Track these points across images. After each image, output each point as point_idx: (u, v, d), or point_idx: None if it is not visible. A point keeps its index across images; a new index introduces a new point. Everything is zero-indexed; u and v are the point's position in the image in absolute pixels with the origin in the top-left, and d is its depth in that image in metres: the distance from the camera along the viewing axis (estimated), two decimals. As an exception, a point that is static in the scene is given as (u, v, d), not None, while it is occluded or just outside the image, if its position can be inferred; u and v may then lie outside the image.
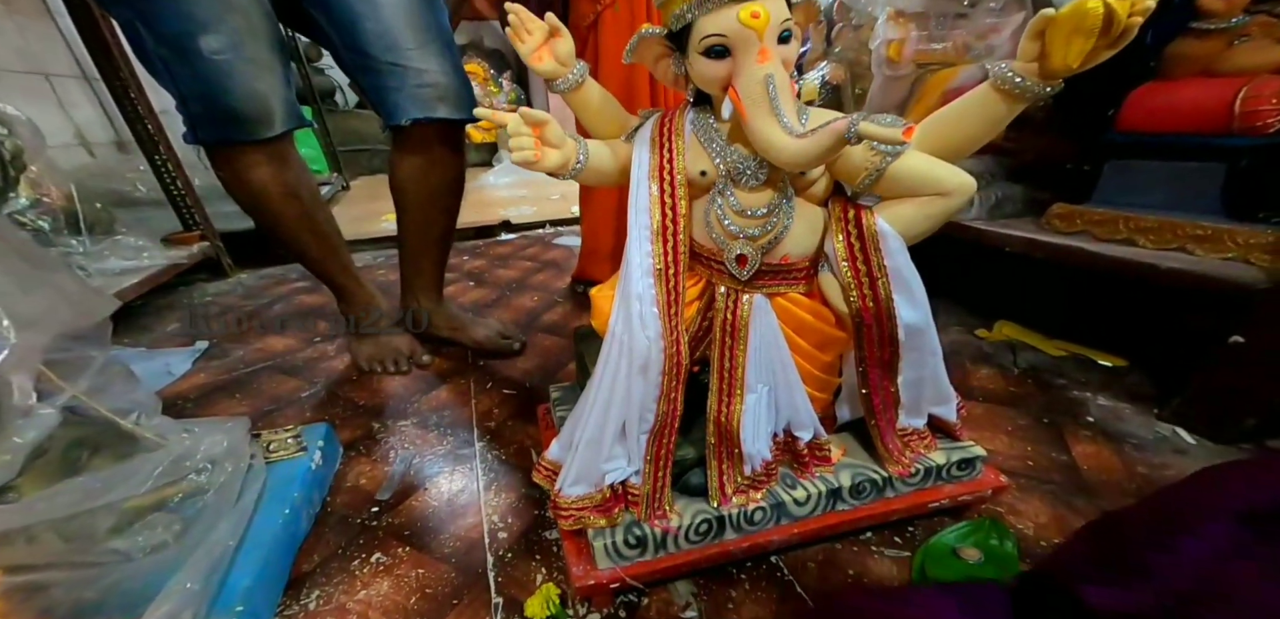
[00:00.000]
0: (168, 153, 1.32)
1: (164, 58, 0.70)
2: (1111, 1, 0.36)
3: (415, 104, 0.80)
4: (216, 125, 0.74)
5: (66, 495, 0.40)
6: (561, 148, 0.46)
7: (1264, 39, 0.81)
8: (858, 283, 0.47)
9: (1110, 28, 0.37)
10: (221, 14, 0.69)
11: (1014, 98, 0.42)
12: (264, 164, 0.79)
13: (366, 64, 0.79)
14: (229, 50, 0.70)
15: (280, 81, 0.77)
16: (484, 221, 1.90)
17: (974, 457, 0.58)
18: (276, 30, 0.77)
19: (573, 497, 0.52)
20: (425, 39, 0.80)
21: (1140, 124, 0.88)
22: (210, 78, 0.71)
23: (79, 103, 1.58)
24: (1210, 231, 0.76)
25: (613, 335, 0.47)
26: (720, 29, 0.42)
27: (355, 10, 0.76)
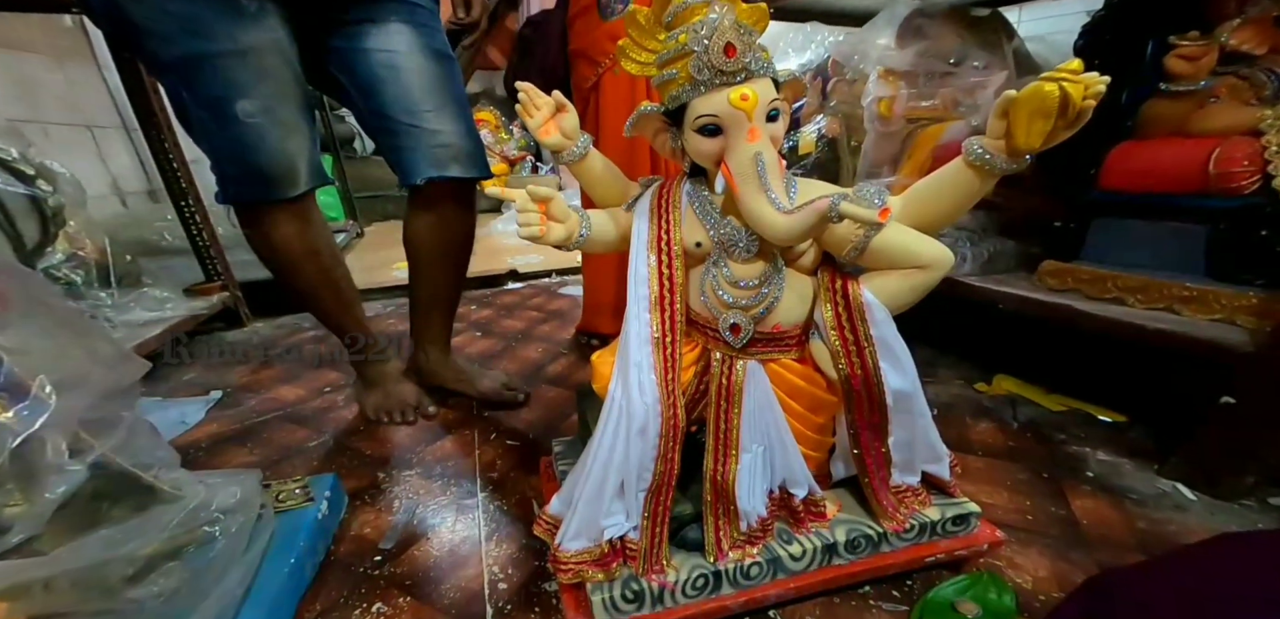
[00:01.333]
0: (196, 202, 1.38)
1: (203, 120, 0.75)
2: (1066, 86, 0.40)
3: (430, 163, 0.85)
4: (246, 185, 0.78)
5: (90, 547, 0.42)
6: (566, 222, 0.49)
7: (1232, 100, 0.84)
8: (846, 350, 0.49)
9: (1067, 110, 0.40)
10: (257, 80, 0.74)
11: (985, 173, 0.45)
12: (288, 221, 0.83)
13: (385, 125, 0.84)
14: (261, 114, 0.75)
15: (306, 141, 0.81)
16: (492, 270, 1.94)
17: (968, 512, 0.59)
18: (305, 93, 0.82)
19: (572, 551, 0.54)
20: (441, 102, 0.85)
21: (1121, 183, 0.91)
22: (243, 140, 0.75)
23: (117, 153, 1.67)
24: (1196, 293, 0.78)
25: (612, 399, 0.50)
26: (712, 110, 0.46)
27: (377, 74, 0.82)
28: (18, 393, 0.41)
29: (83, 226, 1.01)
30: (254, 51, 0.73)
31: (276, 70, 0.76)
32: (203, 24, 0.69)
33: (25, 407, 0.40)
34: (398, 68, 0.82)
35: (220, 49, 0.71)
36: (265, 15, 0.73)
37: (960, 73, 1.36)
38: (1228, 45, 0.85)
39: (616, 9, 1.02)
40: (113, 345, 0.49)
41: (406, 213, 0.94)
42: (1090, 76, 0.41)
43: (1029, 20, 1.67)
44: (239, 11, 0.71)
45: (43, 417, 0.40)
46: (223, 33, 0.70)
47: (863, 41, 1.50)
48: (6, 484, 0.42)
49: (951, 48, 1.37)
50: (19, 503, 0.42)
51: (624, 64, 0.51)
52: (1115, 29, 1.04)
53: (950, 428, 0.93)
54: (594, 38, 1.06)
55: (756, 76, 0.46)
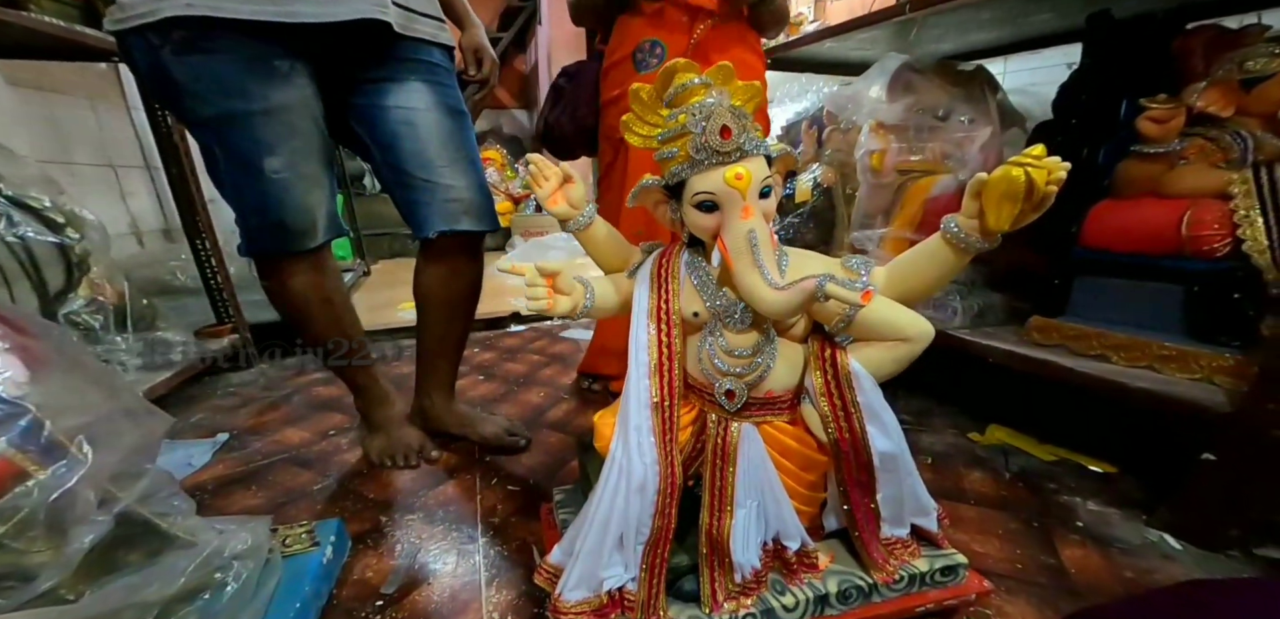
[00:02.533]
0: (212, 244, 1.42)
1: (233, 175, 0.78)
2: (1031, 171, 0.43)
3: (442, 218, 0.88)
4: (268, 238, 0.81)
5: (114, 594, 0.44)
6: (572, 294, 0.53)
7: (1201, 162, 0.88)
8: (834, 415, 0.52)
9: (1032, 193, 0.44)
10: (285, 137, 0.77)
11: (961, 251, 0.48)
12: (304, 272, 0.86)
13: (401, 179, 0.88)
14: (287, 169, 0.78)
15: (326, 195, 0.84)
16: (495, 312, 1.97)
17: (956, 564, 0.61)
18: (328, 147, 0.85)
19: (572, 601, 0.56)
20: (454, 157, 0.88)
21: (1100, 242, 0.95)
22: (269, 195, 0.78)
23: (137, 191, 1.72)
24: (1176, 352, 0.81)
25: (613, 459, 0.52)
26: (709, 188, 0.50)
27: (396, 130, 0.86)
28: (55, 452, 0.44)
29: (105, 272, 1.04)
30: (283, 110, 0.76)
31: (303, 128, 0.79)
32: (238, 84, 0.73)
33: (63, 464, 0.42)
34: (415, 124, 0.86)
35: (253, 108, 0.74)
36: (296, 75, 0.77)
37: (948, 127, 1.42)
38: (1195, 107, 0.88)
39: (650, 64, 1.08)
40: (140, 402, 0.52)
41: (418, 263, 0.97)
42: (1052, 161, 0.44)
43: (1013, 72, 1.74)
44: (272, 72, 0.75)
45: (79, 473, 0.42)
46: (256, 93, 0.74)
47: (856, 93, 1.56)
48: (34, 534, 0.45)
49: (940, 102, 1.44)
50: (47, 552, 0.45)
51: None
52: (1090, 89, 1.09)
53: (944, 477, 0.95)
54: (627, 89, 1.11)
55: (751, 156, 0.50)
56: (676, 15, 1.07)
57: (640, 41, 1.09)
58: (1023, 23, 1.28)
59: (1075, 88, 1.15)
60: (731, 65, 0.51)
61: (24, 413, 0.43)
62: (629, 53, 1.10)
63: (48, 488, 0.41)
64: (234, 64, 0.72)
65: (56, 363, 0.47)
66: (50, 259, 0.94)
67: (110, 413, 0.48)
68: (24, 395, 0.43)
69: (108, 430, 0.47)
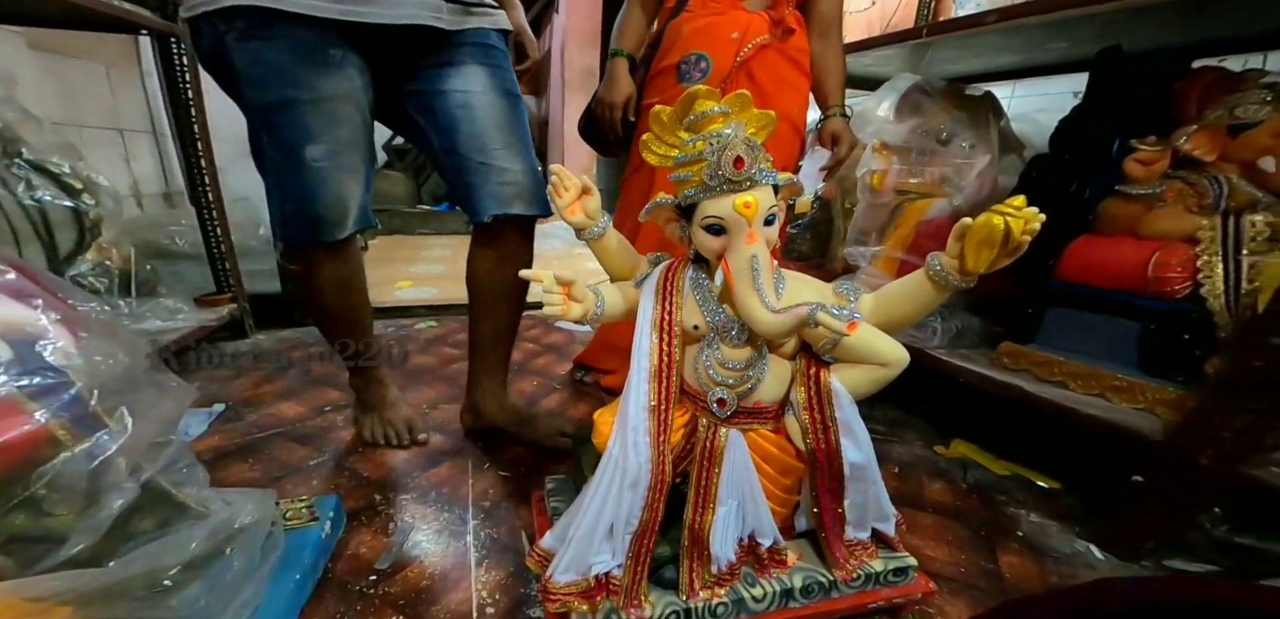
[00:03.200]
0: (219, 213, 1.42)
1: (277, 162, 0.80)
2: (1010, 220, 0.48)
3: (496, 201, 0.88)
4: (302, 228, 0.82)
5: (139, 560, 0.48)
6: (583, 302, 0.57)
7: (1177, 205, 0.93)
8: (814, 427, 0.57)
9: (1008, 240, 0.49)
10: (328, 126, 0.78)
11: (940, 287, 0.53)
12: (329, 261, 0.87)
13: (457, 162, 0.88)
14: (327, 159, 0.79)
15: (361, 186, 0.85)
16: None
17: (907, 565, 0.67)
18: (370, 140, 0.85)
19: (562, 583, 0.60)
20: (509, 140, 0.89)
21: (1075, 276, 1.01)
22: (306, 184, 0.79)
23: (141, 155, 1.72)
24: (1126, 384, 0.88)
25: (610, 455, 0.57)
26: (719, 213, 0.53)
27: (453, 114, 0.86)
28: (94, 422, 0.47)
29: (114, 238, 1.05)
30: (330, 99, 0.77)
31: (348, 117, 0.80)
32: (290, 72, 0.74)
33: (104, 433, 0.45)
34: (472, 107, 0.86)
35: (302, 97, 0.76)
36: (347, 65, 0.78)
37: (949, 152, 1.47)
38: (1182, 150, 0.93)
39: (694, 76, 1.09)
40: (173, 377, 0.55)
41: (470, 250, 0.97)
42: (1030, 212, 0.49)
43: (1022, 96, 1.77)
44: (324, 61, 0.76)
45: (119, 442, 0.45)
46: (306, 81, 0.75)
47: (865, 110, 1.60)
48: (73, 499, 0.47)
49: (944, 124, 1.48)
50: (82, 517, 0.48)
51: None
52: (1087, 126, 1.14)
53: (908, 485, 1.01)
54: (668, 99, 1.11)
55: (760, 185, 0.53)
56: (725, 30, 1.08)
57: (687, 53, 1.10)
58: (1037, 50, 1.32)
59: (1073, 123, 1.19)
60: (748, 95, 0.54)
61: (69, 385, 0.46)
62: (675, 63, 1.11)
63: (90, 455, 0.44)
64: (289, 52, 0.74)
65: (96, 332, 0.50)
66: (64, 222, 0.96)
67: (144, 383, 0.51)
68: (71, 365, 0.46)
69: (143, 401, 0.50)
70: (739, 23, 1.07)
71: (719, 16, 1.08)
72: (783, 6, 1.08)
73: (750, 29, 1.08)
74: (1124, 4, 0.90)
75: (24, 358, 0.46)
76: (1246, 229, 0.81)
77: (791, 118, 1.13)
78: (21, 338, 0.46)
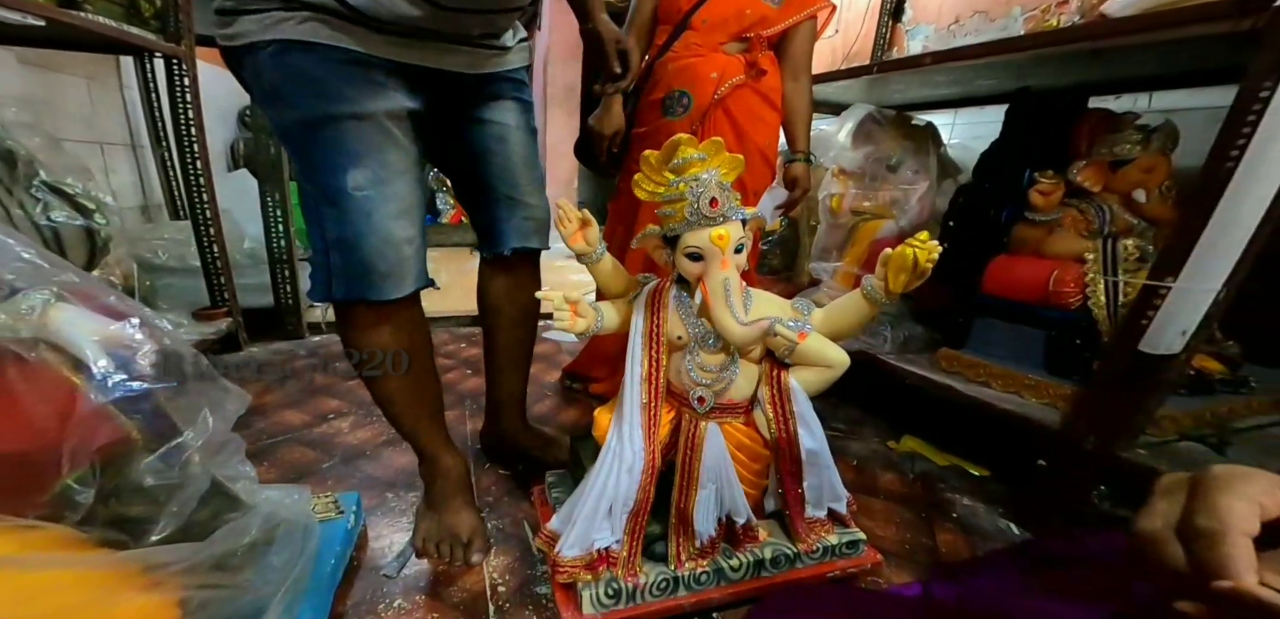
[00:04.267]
0: (216, 228, 1.46)
1: (314, 196, 0.72)
2: (918, 251, 0.62)
3: (518, 235, 0.89)
4: (347, 280, 0.72)
5: (219, 541, 0.56)
6: (587, 317, 0.69)
7: (1071, 230, 1.11)
8: (777, 419, 0.70)
9: (917, 267, 0.62)
10: (373, 149, 0.69)
11: (872, 303, 0.67)
12: (386, 327, 0.77)
13: (485, 193, 0.88)
14: (373, 186, 0.70)
15: (415, 230, 0.75)
16: None
17: (858, 540, 0.81)
18: (421, 178, 0.78)
19: (569, 557, 0.71)
20: (534, 177, 0.91)
21: (994, 289, 1.19)
22: (349, 220, 0.70)
23: (119, 169, 1.73)
24: (1034, 382, 1.05)
25: (609, 445, 0.68)
26: (697, 244, 0.66)
27: (489, 147, 0.86)
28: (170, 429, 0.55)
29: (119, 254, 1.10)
30: (375, 117, 0.69)
31: (396, 142, 0.72)
32: (329, 88, 0.67)
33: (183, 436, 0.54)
34: (506, 141, 0.86)
35: (341, 111, 0.67)
36: (395, 89, 0.72)
37: (897, 177, 1.65)
38: (1075, 181, 1.11)
39: (677, 111, 1.20)
40: (227, 381, 0.64)
41: (484, 276, 0.97)
42: (931, 244, 0.62)
43: (964, 124, 1.93)
44: (367, 80, 0.69)
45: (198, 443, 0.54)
46: (347, 95, 0.67)
47: (827, 135, 1.76)
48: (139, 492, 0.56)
49: (893, 152, 1.66)
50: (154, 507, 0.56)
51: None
52: (1002, 159, 1.33)
53: (864, 476, 1.15)
54: (653, 129, 1.23)
55: (731, 221, 0.66)
56: (705, 70, 1.19)
57: (671, 90, 1.21)
58: (969, 85, 1.50)
59: (992, 156, 1.38)
60: (722, 141, 0.66)
61: (151, 395, 0.55)
62: (660, 97, 1.23)
63: (168, 457, 0.53)
64: (327, 66, 0.66)
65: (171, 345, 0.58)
66: (76, 241, 1.01)
67: (211, 389, 0.60)
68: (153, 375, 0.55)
69: (212, 404, 0.58)
70: (718, 64, 1.19)
71: (700, 58, 1.20)
72: (757, 50, 1.20)
73: (728, 70, 1.19)
74: (1028, 53, 1.08)
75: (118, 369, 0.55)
76: (1121, 252, 0.99)
77: (763, 149, 1.26)
78: (118, 349, 0.54)
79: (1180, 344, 0.75)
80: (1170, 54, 0.99)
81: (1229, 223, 0.70)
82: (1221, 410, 0.96)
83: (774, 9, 1.20)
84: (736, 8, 1.19)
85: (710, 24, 1.20)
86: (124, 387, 0.54)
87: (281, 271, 1.67)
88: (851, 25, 2.25)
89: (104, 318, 0.56)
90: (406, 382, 0.82)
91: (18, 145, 0.98)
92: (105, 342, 0.54)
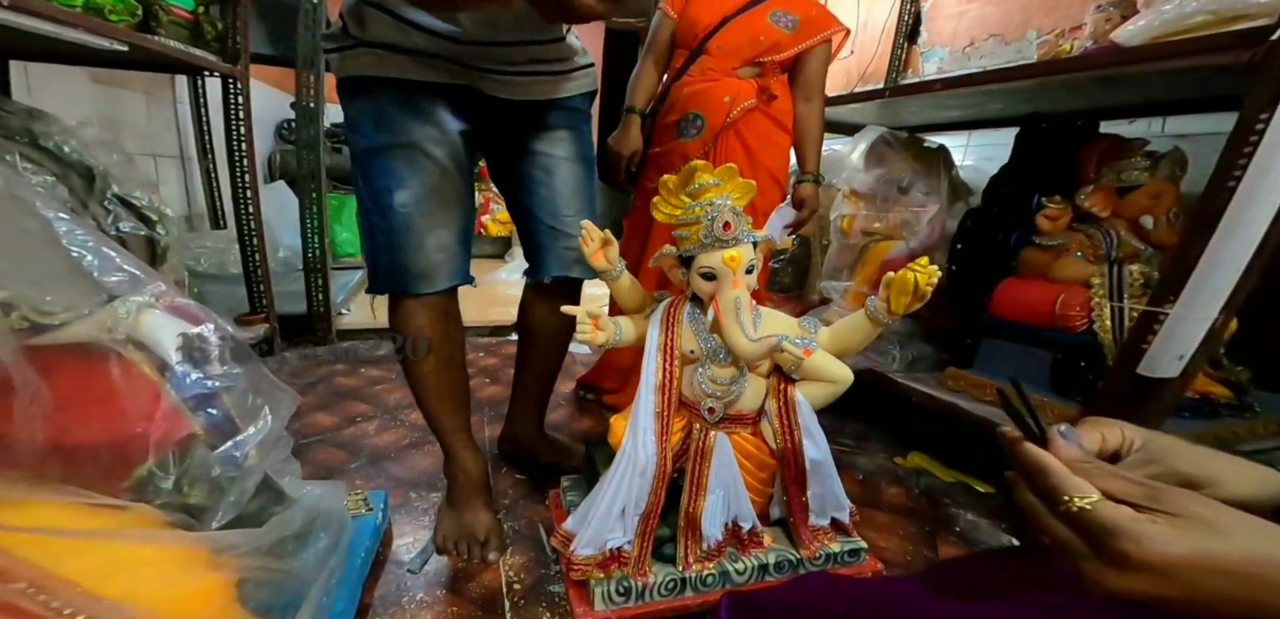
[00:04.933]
0: (259, 238, 1.54)
1: (368, 209, 0.82)
2: (918, 276, 0.65)
3: (559, 264, 0.93)
4: (390, 277, 0.84)
5: (271, 528, 0.62)
6: (607, 330, 0.74)
7: (1077, 255, 1.13)
8: (783, 430, 0.74)
9: (917, 290, 0.66)
10: (415, 173, 0.80)
11: (875, 322, 0.71)
12: (421, 314, 0.86)
13: (530, 220, 0.93)
14: (412, 205, 0.80)
15: (453, 237, 0.85)
16: (498, 321, 2.12)
17: (859, 548, 0.84)
18: (463, 189, 0.86)
19: (583, 556, 0.75)
20: (580, 208, 0.93)
21: (1003, 311, 1.21)
22: (393, 230, 0.80)
23: (169, 180, 1.85)
24: (1039, 402, 1.07)
25: (624, 450, 0.73)
26: (711, 265, 0.70)
27: (535, 177, 0.91)
28: (230, 426, 0.62)
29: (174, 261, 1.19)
30: (417, 146, 0.79)
31: (437, 165, 0.81)
32: (387, 118, 0.78)
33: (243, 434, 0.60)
34: (553, 172, 0.90)
35: (393, 142, 0.79)
36: (439, 113, 0.81)
37: (908, 198, 1.68)
38: (1082, 206, 1.13)
39: (690, 133, 1.25)
40: (280, 382, 0.70)
41: (526, 297, 1.04)
42: (932, 269, 0.66)
43: (976, 145, 1.98)
44: (418, 108, 0.79)
45: (261, 437, 0.61)
46: (401, 126, 0.78)
47: (840, 157, 1.80)
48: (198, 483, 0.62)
49: (904, 174, 1.69)
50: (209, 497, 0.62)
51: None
52: (1011, 185, 1.36)
53: (870, 490, 1.18)
54: (667, 149, 1.29)
55: (742, 243, 0.71)
56: (718, 95, 1.23)
57: (686, 113, 1.26)
58: (981, 107, 1.53)
59: (1001, 180, 1.41)
60: (736, 167, 0.71)
61: (216, 396, 0.61)
62: (676, 120, 1.28)
63: (227, 455, 0.59)
64: (382, 100, 0.78)
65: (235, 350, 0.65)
66: (139, 249, 1.09)
67: (268, 388, 0.66)
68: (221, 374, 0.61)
69: (271, 403, 0.65)
70: (731, 88, 1.23)
71: (714, 82, 1.24)
72: (769, 76, 1.25)
73: (740, 94, 1.23)
74: (1038, 79, 1.11)
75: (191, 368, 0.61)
76: (1127, 278, 1.02)
77: (773, 171, 1.30)
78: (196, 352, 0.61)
79: (1177, 368, 0.77)
80: (1178, 81, 1.01)
81: (1225, 250, 0.73)
82: (1224, 434, 0.97)
83: (787, 34, 1.24)
84: (751, 35, 1.24)
85: (725, 50, 1.25)
86: (200, 385, 0.61)
87: (316, 279, 1.75)
88: (867, 46, 2.29)
89: (185, 322, 0.63)
90: (435, 365, 0.90)
91: (95, 162, 1.07)
92: (186, 345, 0.60)
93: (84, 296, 0.63)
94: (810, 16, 1.26)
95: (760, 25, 1.24)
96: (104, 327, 0.62)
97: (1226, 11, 0.82)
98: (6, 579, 0.36)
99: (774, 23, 1.24)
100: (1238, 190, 0.71)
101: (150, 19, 1.23)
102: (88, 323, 0.62)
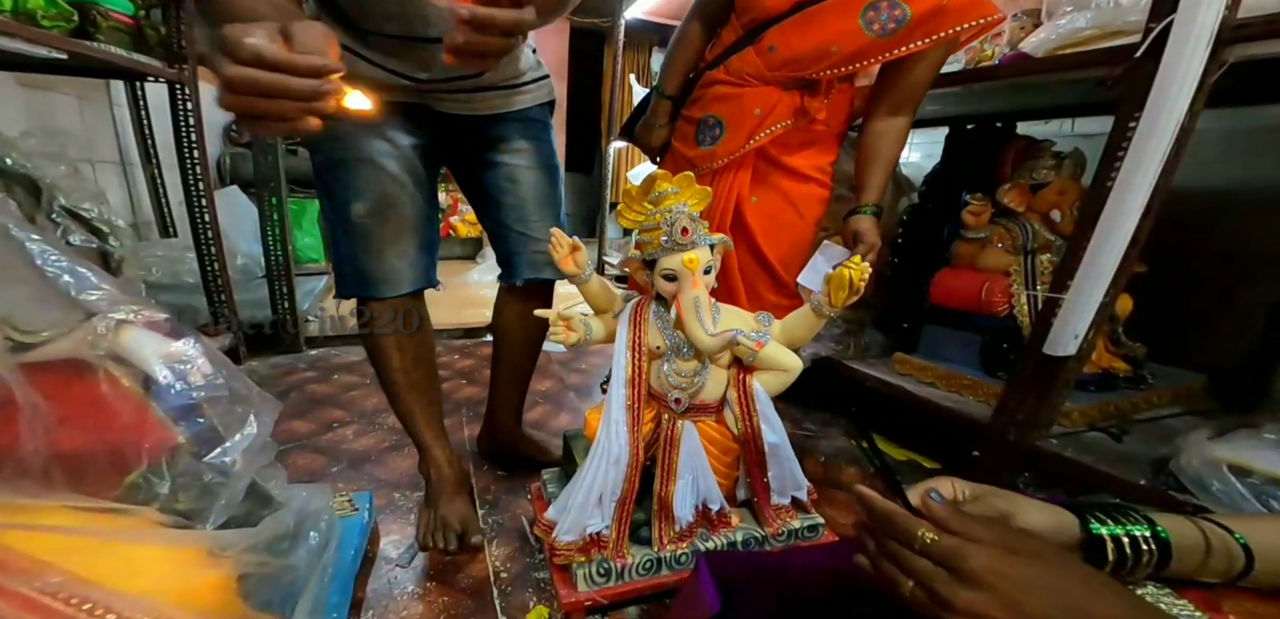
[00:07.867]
0: (217, 247, 1.51)
1: (331, 220, 0.88)
2: (852, 272, 0.74)
3: (530, 267, 0.97)
4: (353, 283, 0.90)
5: (267, 527, 0.65)
6: (578, 331, 0.79)
7: (999, 246, 1.25)
8: (743, 416, 0.82)
9: (853, 286, 0.74)
10: (372, 186, 0.84)
11: (819, 315, 0.79)
12: (387, 312, 0.92)
13: (501, 229, 0.97)
14: (371, 217, 0.85)
15: (412, 245, 0.90)
16: (471, 323, 2.13)
17: (817, 523, 0.93)
18: (421, 200, 0.90)
19: (565, 542, 0.81)
20: (546, 213, 0.97)
21: (939, 299, 1.33)
22: (355, 239, 0.86)
23: (109, 187, 1.77)
24: (971, 382, 1.19)
25: (599, 441, 0.79)
26: (671, 267, 0.77)
27: (500, 186, 0.94)
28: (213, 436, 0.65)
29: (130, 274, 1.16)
30: (373, 161, 0.84)
31: (393, 180, 0.85)
32: (340, 135, 0.82)
33: (239, 436, 0.63)
34: (517, 181, 0.94)
35: (346, 157, 0.83)
36: (398, 131, 0.85)
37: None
38: (1001, 202, 1.25)
39: (706, 139, 1.10)
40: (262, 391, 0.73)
41: (501, 299, 1.07)
42: (864, 266, 0.74)
43: (919, 143, 2.13)
44: (373, 130, 0.83)
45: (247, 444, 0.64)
46: (353, 143, 0.83)
47: None
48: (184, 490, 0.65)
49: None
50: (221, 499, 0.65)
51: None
52: (943, 183, 1.49)
53: (831, 471, 1.28)
54: (684, 150, 1.15)
55: (700, 247, 0.78)
56: (749, 104, 1.04)
57: (708, 113, 1.09)
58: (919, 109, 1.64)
59: (934, 180, 1.54)
60: (692, 175, 0.77)
61: (199, 407, 0.64)
62: (698, 117, 1.11)
63: (232, 449, 0.62)
64: (343, 119, 0.80)
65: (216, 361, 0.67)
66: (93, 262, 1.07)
67: (252, 398, 0.69)
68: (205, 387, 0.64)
69: (254, 411, 0.68)
70: (766, 99, 1.03)
71: (748, 88, 1.04)
72: (822, 93, 1.03)
73: (776, 111, 1.03)
74: (958, 86, 1.21)
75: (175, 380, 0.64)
76: (1039, 267, 1.15)
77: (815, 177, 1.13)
78: (176, 364, 0.63)
79: (1074, 347, 0.89)
80: (1074, 88, 1.14)
81: (1107, 239, 0.84)
82: (1124, 404, 1.12)
83: (879, 39, 0.94)
84: (822, 42, 0.97)
85: (781, 54, 1.00)
86: (184, 396, 0.63)
87: (280, 286, 1.72)
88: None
89: (162, 337, 0.65)
90: (403, 363, 0.96)
91: (41, 174, 1.05)
92: (167, 358, 0.63)
93: (64, 314, 0.64)
94: (929, 8, 0.92)
95: (842, 29, 0.96)
96: (85, 343, 0.64)
97: (1109, 26, 0.95)
98: (35, 576, 0.39)
99: (866, 26, 0.94)
100: (1114, 186, 0.83)
101: (88, 24, 1.18)
102: (70, 340, 0.64)
